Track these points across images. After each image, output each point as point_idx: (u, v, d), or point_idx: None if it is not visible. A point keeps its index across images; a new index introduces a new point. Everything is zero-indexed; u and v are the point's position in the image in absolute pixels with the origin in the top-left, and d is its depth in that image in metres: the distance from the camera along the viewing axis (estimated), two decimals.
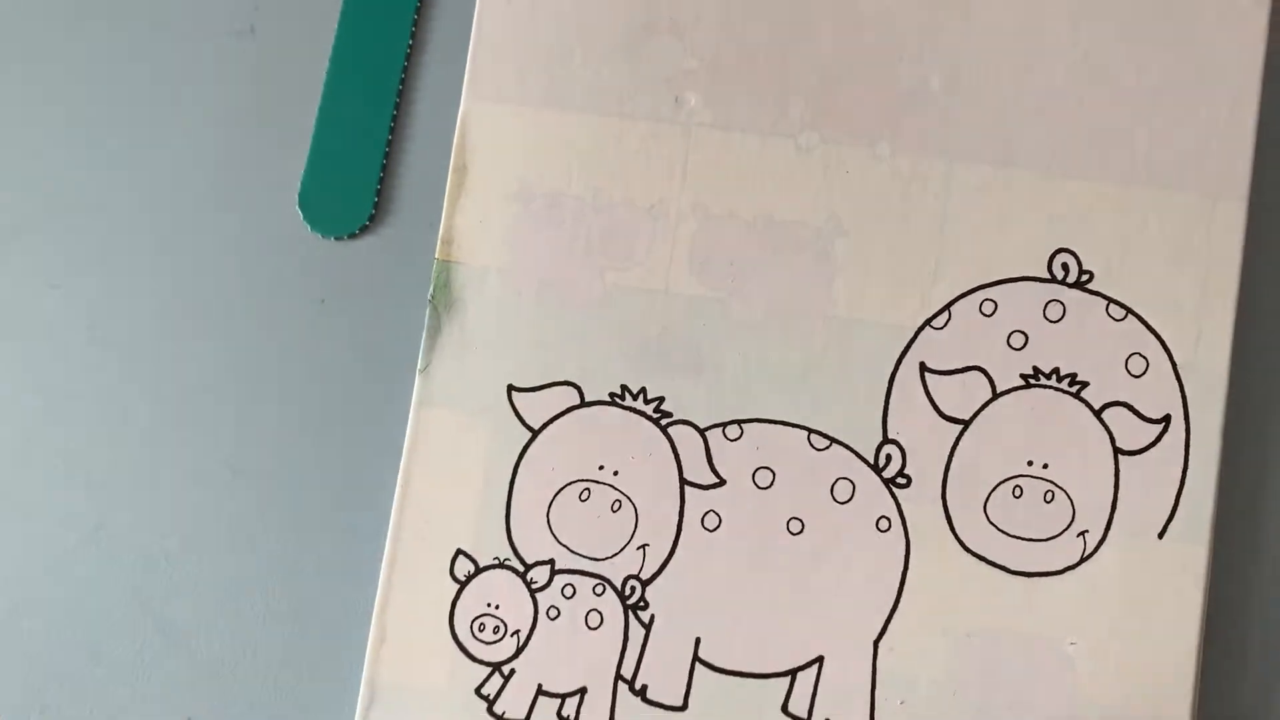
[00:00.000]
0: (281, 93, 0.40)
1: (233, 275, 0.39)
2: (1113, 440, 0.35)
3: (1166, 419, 0.35)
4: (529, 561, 0.36)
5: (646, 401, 0.36)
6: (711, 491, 0.36)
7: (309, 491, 0.38)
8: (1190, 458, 0.35)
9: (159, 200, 0.39)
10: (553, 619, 0.35)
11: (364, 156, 0.39)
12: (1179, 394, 0.35)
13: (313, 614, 0.37)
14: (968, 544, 0.35)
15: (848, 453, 0.35)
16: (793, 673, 0.35)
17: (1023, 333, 0.35)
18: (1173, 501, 0.35)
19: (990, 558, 0.35)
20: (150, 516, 0.38)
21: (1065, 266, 0.35)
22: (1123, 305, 0.35)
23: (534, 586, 0.36)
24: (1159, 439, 0.35)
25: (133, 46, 0.40)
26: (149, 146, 0.39)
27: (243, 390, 0.38)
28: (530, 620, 0.35)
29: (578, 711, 0.35)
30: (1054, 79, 0.36)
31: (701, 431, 0.36)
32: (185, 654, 0.37)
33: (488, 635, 0.35)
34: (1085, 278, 0.35)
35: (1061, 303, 0.35)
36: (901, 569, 0.35)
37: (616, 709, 0.35)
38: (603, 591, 0.35)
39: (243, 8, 0.40)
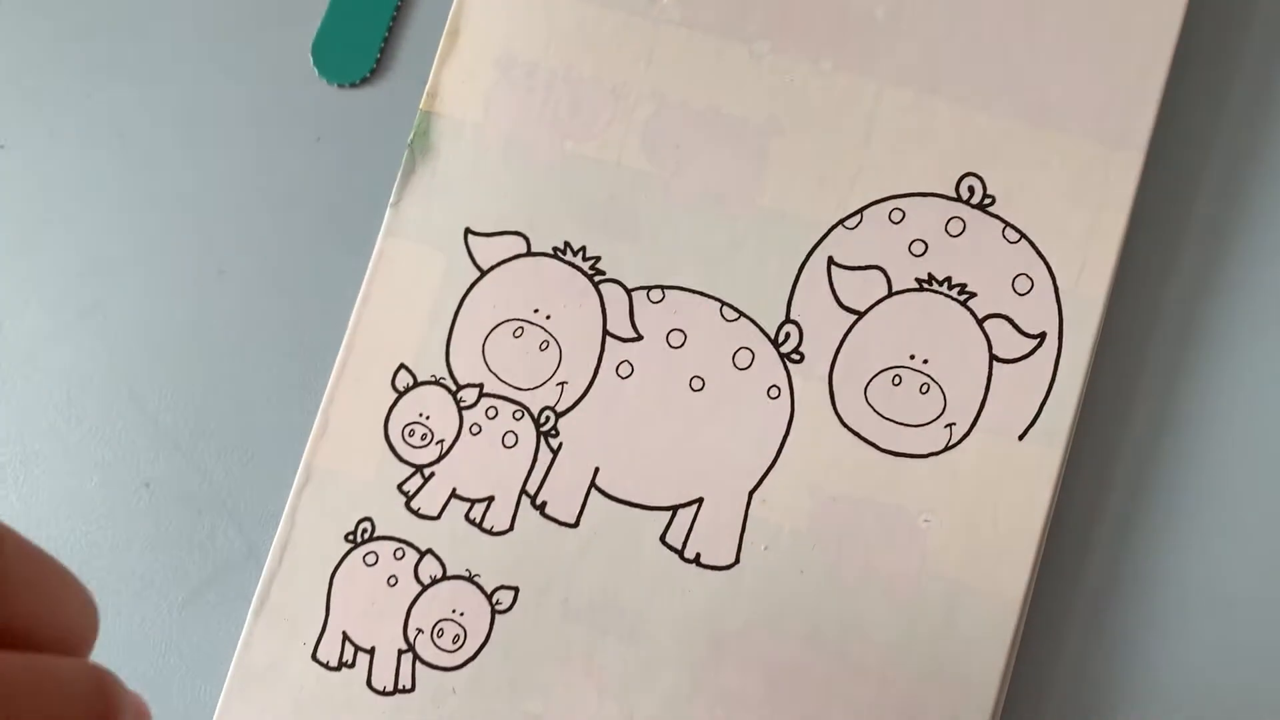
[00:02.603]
0: None
1: (244, 105, 0.44)
2: (990, 347, 0.39)
3: (1042, 336, 0.39)
4: (461, 383, 0.40)
5: (585, 259, 0.40)
6: (629, 344, 0.40)
7: (282, 298, 0.43)
8: (1058, 374, 0.39)
9: (191, 29, 0.44)
10: (474, 434, 0.40)
11: (374, 16, 0.44)
12: (1057, 315, 0.39)
13: (266, 403, 0.42)
14: (845, 420, 0.39)
15: (753, 326, 0.40)
16: (674, 509, 0.39)
17: (924, 242, 0.40)
18: (1036, 410, 0.39)
19: (863, 434, 0.39)
20: (142, 304, 0.43)
21: (971, 189, 0.40)
22: (1018, 229, 0.39)
23: (462, 405, 0.40)
24: (1032, 353, 0.39)
25: None
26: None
27: (239, 203, 0.43)
28: (455, 433, 0.40)
29: (484, 516, 0.40)
30: (986, 23, 0.40)
31: (628, 291, 0.40)
32: (152, 426, 0.42)
33: (415, 440, 0.40)
34: (987, 201, 0.40)
35: (963, 220, 0.40)
36: (783, 433, 0.39)
37: (518, 518, 0.40)
38: (521, 417, 0.40)
39: None
